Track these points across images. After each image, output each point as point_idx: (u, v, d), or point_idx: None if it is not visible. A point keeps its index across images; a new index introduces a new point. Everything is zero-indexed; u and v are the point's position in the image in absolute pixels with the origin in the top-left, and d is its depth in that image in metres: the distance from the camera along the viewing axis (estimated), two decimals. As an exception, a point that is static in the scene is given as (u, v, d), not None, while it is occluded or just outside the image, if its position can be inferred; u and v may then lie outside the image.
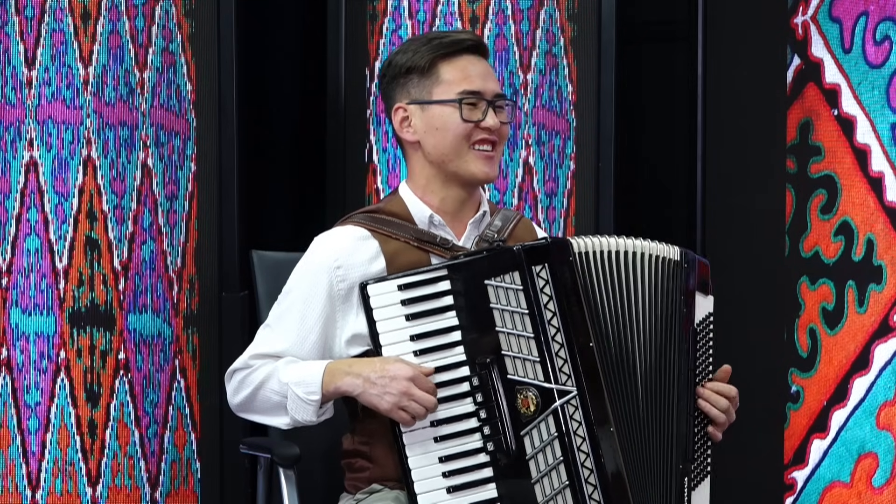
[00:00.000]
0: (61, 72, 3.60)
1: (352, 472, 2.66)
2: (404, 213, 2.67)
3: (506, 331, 2.52)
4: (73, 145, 3.60)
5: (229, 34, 3.65)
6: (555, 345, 2.50)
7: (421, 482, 2.50)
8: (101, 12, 3.61)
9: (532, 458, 2.50)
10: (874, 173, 3.44)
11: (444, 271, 2.54)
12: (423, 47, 2.66)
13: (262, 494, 2.89)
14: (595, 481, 2.48)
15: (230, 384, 2.65)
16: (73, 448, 3.60)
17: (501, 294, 2.52)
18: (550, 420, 2.50)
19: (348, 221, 2.68)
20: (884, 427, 3.42)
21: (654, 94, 3.92)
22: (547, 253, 2.53)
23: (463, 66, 2.66)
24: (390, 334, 2.54)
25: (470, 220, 2.69)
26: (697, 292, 2.62)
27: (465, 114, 2.63)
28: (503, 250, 2.58)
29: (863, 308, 3.46)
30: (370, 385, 2.51)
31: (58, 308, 3.59)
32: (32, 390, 3.59)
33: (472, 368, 2.52)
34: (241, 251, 3.61)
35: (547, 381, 2.50)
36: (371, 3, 3.73)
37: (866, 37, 3.45)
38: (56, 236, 3.59)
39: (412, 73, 2.66)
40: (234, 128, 3.66)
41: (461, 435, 2.51)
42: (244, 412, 2.66)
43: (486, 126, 2.64)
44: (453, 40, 2.66)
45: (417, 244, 2.64)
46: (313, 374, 2.56)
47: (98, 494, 3.61)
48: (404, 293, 2.54)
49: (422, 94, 2.65)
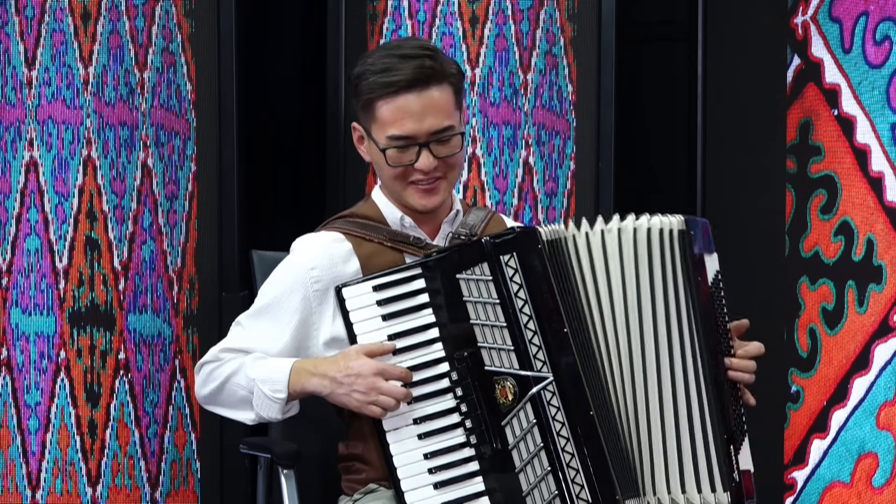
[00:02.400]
0: (61, 72, 3.60)
1: (348, 475, 2.67)
2: (377, 215, 2.69)
3: (480, 322, 2.52)
4: (73, 145, 3.60)
5: (229, 34, 3.65)
6: (528, 332, 2.50)
7: (407, 479, 2.50)
8: (101, 12, 3.61)
9: (514, 448, 2.50)
10: (874, 173, 3.44)
11: (418, 269, 2.55)
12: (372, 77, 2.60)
13: (262, 494, 2.89)
14: (577, 466, 2.48)
15: (199, 376, 2.67)
16: (73, 448, 3.60)
17: (473, 286, 2.52)
18: (528, 408, 2.49)
19: (324, 227, 2.70)
20: (884, 427, 3.42)
21: (654, 94, 3.92)
22: (515, 242, 2.52)
23: (398, 106, 2.59)
24: (368, 335, 2.54)
25: (444, 219, 2.70)
26: (705, 254, 2.60)
27: (391, 159, 2.60)
28: (472, 243, 2.58)
29: (863, 308, 3.46)
30: (336, 385, 2.53)
31: (58, 308, 3.59)
32: (32, 390, 3.59)
33: (450, 364, 2.53)
34: (241, 251, 3.61)
35: (522, 368, 2.50)
36: (371, 3, 3.73)
37: (866, 37, 3.45)
38: (56, 236, 3.59)
39: (359, 100, 2.64)
40: (234, 128, 3.66)
41: (444, 430, 2.52)
42: (210, 405, 2.67)
43: (419, 168, 2.61)
44: (394, 80, 2.59)
45: (391, 245, 2.64)
46: (280, 371, 2.57)
47: (98, 494, 3.61)
48: (379, 293, 2.54)
49: (366, 124, 2.65)
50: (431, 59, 2.61)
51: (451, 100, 2.62)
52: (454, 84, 2.63)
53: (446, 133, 2.62)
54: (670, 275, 2.55)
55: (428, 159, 2.61)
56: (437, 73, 2.60)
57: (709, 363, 2.55)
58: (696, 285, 2.56)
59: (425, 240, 2.67)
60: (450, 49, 3.66)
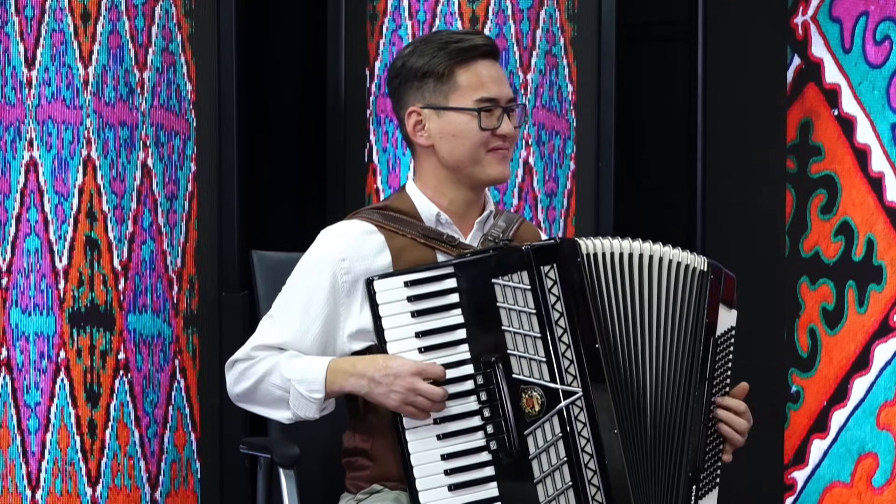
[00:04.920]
0: (61, 72, 3.60)
1: (352, 471, 2.66)
2: (412, 210, 2.67)
3: (512, 330, 2.51)
4: (73, 145, 3.60)
5: (229, 34, 3.65)
6: (561, 345, 2.50)
7: (423, 479, 2.49)
8: (101, 12, 3.61)
9: (535, 458, 2.49)
10: (874, 173, 3.44)
11: (451, 269, 2.54)
12: (440, 52, 2.63)
13: (262, 494, 2.89)
14: (598, 483, 2.48)
15: (230, 374, 2.65)
16: (73, 448, 3.60)
17: (509, 293, 2.51)
18: (555, 420, 2.49)
19: (355, 216, 2.68)
20: (884, 427, 3.43)
21: (654, 94, 3.92)
22: (556, 253, 2.52)
23: (479, 71, 2.63)
24: (395, 330, 2.53)
25: (476, 219, 2.70)
26: (721, 304, 2.62)
27: (483, 122, 2.62)
28: (511, 249, 2.58)
29: (863, 308, 3.46)
30: (375, 384, 2.52)
31: (58, 308, 3.59)
32: (32, 390, 3.59)
33: (476, 366, 2.52)
34: (241, 251, 3.61)
35: (553, 381, 2.50)
36: (371, 3, 3.73)
37: (866, 37, 3.45)
38: (56, 236, 3.59)
39: (428, 77, 2.63)
40: (234, 128, 3.66)
41: (464, 433, 2.51)
42: (244, 402, 2.66)
43: (501, 133, 2.63)
44: (471, 45, 2.64)
45: (424, 241, 2.63)
46: (316, 371, 2.56)
47: (98, 494, 3.61)
48: (411, 290, 2.54)
49: (438, 99, 2.64)
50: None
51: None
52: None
53: (516, 104, 2.67)
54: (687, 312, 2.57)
55: (509, 125, 2.64)
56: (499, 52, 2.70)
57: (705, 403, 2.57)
58: (702, 329, 2.57)
59: (459, 238, 2.66)
60: (450, 49, 3.66)
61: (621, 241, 2.56)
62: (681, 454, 2.55)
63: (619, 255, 2.55)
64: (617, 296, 2.54)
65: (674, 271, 2.57)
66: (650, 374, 2.54)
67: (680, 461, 2.55)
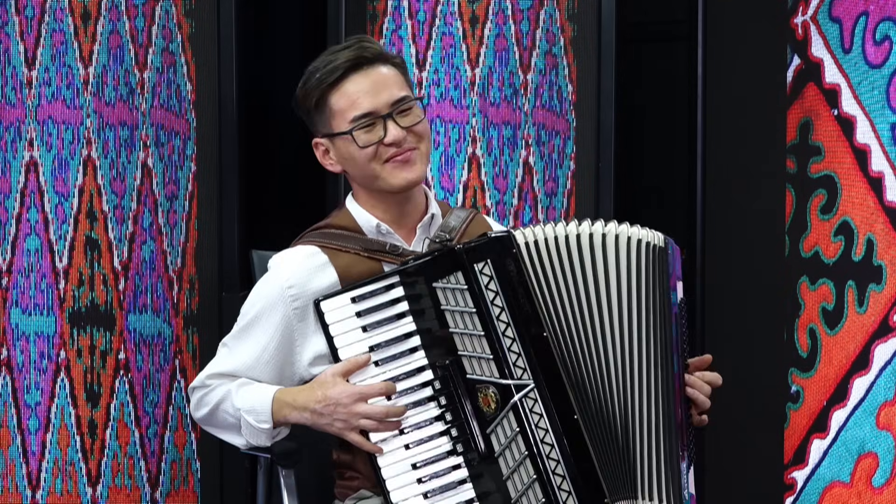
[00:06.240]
0: (61, 72, 3.60)
1: (341, 480, 2.68)
2: (353, 225, 2.67)
3: (458, 331, 2.51)
4: (73, 145, 3.60)
5: (229, 34, 3.65)
6: (506, 340, 2.49)
7: (396, 491, 2.50)
8: (101, 12, 3.61)
9: (500, 456, 2.49)
10: (874, 173, 3.44)
11: (396, 278, 2.54)
12: (311, 81, 2.62)
13: (262, 494, 2.89)
14: (563, 472, 2.47)
15: (192, 399, 2.69)
16: (73, 448, 3.60)
17: (450, 295, 2.51)
18: (511, 416, 2.48)
19: (298, 242, 2.68)
20: (884, 427, 3.42)
21: (654, 94, 3.92)
22: (488, 249, 2.51)
23: (347, 90, 2.60)
24: (349, 348, 2.53)
25: (418, 224, 2.68)
26: (676, 279, 2.60)
27: (361, 140, 2.59)
28: (446, 252, 2.55)
29: (863, 308, 3.46)
30: (317, 416, 2.54)
31: (58, 308, 3.59)
32: (32, 390, 3.59)
33: (433, 372, 2.52)
34: (241, 251, 3.61)
35: (503, 377, 2.49)
36: (371, 3, 3.73)
37: (866, 37, 3.45)
38: (56, 236, 3.59)
39: (311, 110, 2.64)
40: (234, 128, 3.66)
41: (430, 439, 2.51)
42: (207, 427, 2.70)
43: (389, 142, 2.60)
44: (334, 66, 2.61)
45: (368, 255, 2.63)
46: (263, 402, 2.58)
47: (98, 494, 3.61)
48: (358, 305, 2.53)
49: (325, 128, 2.64)
50: (369, 43, 2.64)
51: (399, 76, 2.63)
52: (398, 65, 2.65)
53: (405, 102, 2.62)
54: (649, 287, 2.54)
55: (396, 129, 2.60)
56: (377, 54, 2.63)
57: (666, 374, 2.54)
58: (668, 304, 2.55)
59: (402, 246, 2.65)
60: (450, 49, 3.66)
61: (566, 226, 2.53)
62: (657, 430, 2.52)
63: (564, 239, 2.52)
64: (566, 280, 2.51)
65: (632, 248, 2.53)
66: (612, 354, 2.51)
67: (658, 437, 2.52)
